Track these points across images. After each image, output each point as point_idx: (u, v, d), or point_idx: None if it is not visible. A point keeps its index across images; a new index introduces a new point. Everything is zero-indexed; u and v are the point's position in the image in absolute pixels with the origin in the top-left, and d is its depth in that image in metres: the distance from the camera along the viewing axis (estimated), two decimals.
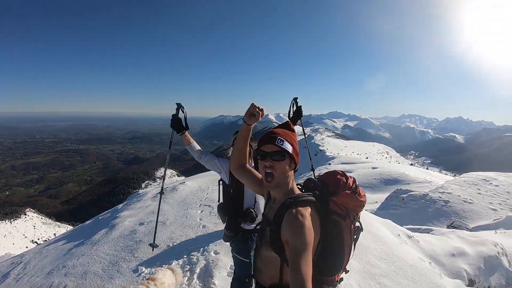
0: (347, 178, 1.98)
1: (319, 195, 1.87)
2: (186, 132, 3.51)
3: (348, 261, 1.93)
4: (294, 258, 1.48)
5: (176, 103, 3.69)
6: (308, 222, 1.62)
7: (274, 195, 1.94)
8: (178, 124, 3.52)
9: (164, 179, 4.95)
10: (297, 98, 3.92)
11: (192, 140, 3.51)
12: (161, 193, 4.74)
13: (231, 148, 3.05)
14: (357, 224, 1.96)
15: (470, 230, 16.39)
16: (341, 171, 2.06)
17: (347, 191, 1.91)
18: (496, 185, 28.64)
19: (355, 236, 1.93)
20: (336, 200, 1.87)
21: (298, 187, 2.00)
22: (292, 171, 1.91)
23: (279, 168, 1.81)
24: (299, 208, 1.68)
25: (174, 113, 3.61)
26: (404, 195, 27.45)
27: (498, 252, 8.13)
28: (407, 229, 9.13)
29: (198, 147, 3.54)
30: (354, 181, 2.02)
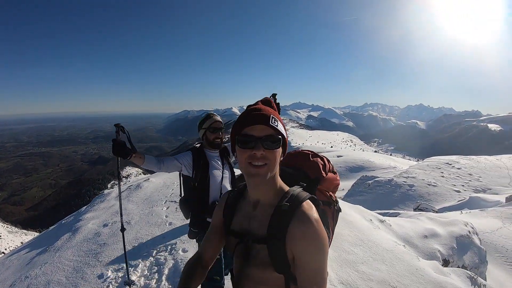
0: (322, 158, 1.74)
1: (305, 186, 1.46)
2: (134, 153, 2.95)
3: (330, 245, 1.71)
4: (314, 280, 1.21)
5: (115, 125, 3.12)
6: (323, 229, 1.26)
7: (257, 197, 1.41)
8: (121, 149, 2.89)
9: (121, 211, 4.50)
10: (276, 94, 3.65)
11: (143, 156, 3.00)
12: (123, 229, 4.25)
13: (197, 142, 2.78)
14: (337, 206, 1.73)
15: (436, 212, 16.90)
16: (309, 151, 1.80)
17: (329, 174, 1.68)
18: (459, 168, 29.86)
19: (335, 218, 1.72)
20: (321, 188, 1.64)
21: None
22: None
23: (272, 159, 1.30)
24: (308, 212, 1.26)
25: (115, 136, 2.99)
26: (370, 181, 28.10)
27: (469, 231, 8.29)
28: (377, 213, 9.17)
29: (153, 160, 3.07)
30: (328, 160, 1.79)
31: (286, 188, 1.40)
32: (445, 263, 6.91)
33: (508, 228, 12.59)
